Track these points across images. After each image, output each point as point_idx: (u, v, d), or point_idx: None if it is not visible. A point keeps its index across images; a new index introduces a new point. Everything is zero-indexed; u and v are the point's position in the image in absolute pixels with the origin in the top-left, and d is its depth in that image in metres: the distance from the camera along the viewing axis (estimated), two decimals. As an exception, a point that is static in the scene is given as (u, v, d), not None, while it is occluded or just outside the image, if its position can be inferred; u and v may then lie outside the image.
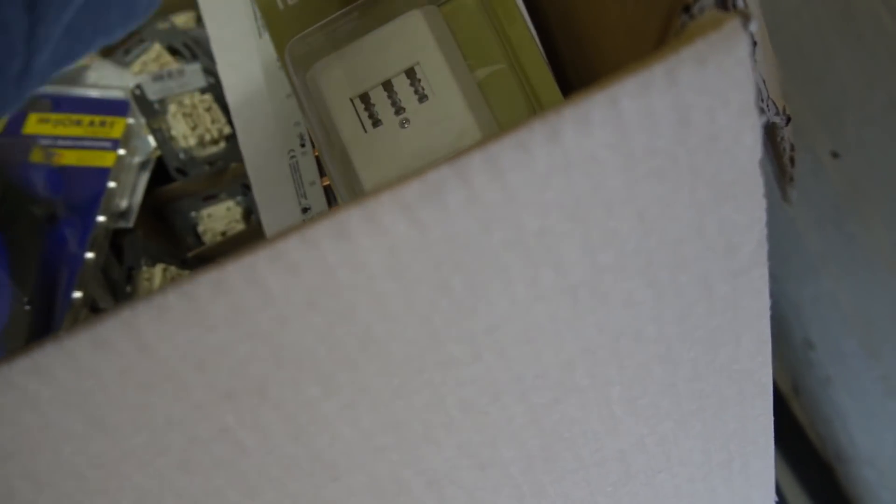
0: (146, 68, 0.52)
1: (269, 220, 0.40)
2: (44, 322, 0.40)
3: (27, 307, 0.39)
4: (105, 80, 0.52)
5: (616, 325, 0.20)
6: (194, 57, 0.52)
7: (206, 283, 0.16)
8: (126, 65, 0.52)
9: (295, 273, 0.17)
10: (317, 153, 0.38)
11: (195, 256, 0.50)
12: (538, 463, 0.24)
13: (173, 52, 0.53)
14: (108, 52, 0.53)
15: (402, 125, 0.30)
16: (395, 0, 0.31)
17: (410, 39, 0.30)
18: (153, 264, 0.47)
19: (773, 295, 0.22)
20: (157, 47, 0.53)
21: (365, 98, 0.30)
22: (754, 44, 0.22)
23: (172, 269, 0.47)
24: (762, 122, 0.18)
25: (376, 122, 0.30)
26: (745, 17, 0.16)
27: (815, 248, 0.63)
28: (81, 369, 0.17)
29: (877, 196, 0.55)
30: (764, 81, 0.24)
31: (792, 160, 0.30)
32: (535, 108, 0.31)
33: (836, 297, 0.63)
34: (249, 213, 0.54)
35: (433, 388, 0.20)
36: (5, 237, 0.42)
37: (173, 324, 0.17)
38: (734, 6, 0.18)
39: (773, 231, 0.19)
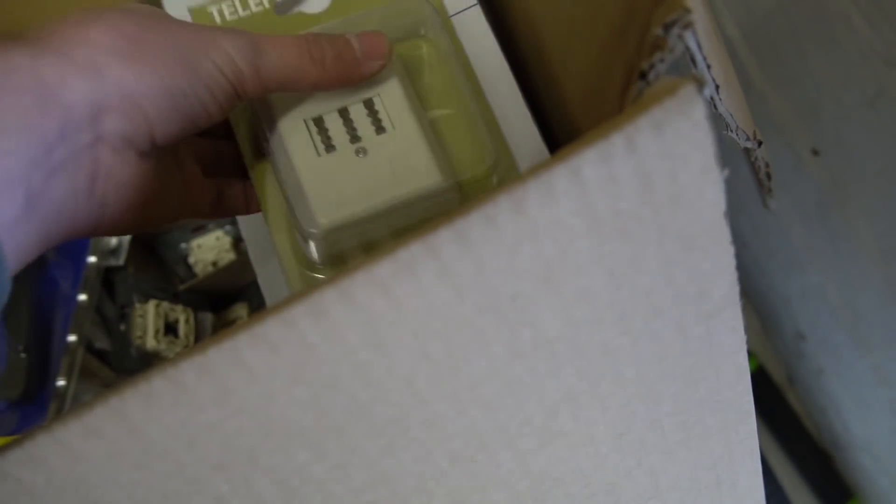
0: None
1: (258, 256, 0.41)
2: (41, 367, 0.41)
3: (22, 355, 0.40)
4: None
5: (595, 372, 0.21)
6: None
7: (190, 367, 0.17)
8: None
9: (276, 352, 0.17)
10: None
11: (188, 289, 0.50)
12: (528, 501, 0.24)
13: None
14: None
15: (357, 154, 0.29)
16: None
17: None
18: (146, 301, 0.47)
19: (762, 288, 0.22)
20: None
21: (319, 122, 0.29)
22: (717, 86, 0.22)
23: (165, 304, 0.48)
24: (724, 176, 0.18)
25: (329, 147, 0.29)
26: (700, 82, 0.17)
27: (801, 243, 0.63)
28: (73, 456, 0.17)
29: (858, 191, 0.55)
30: (731, 115, 0.25)
31: (768, 175, 0.31)
32: (483, 148, 0.30)
33: (824, 290, 0.64)
34: (239, 241, 0.55)
35: (420, 444, 0.21)
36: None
37: (161, 407, 0.17)
38: (694, 65, 0.19)
39: (759, 226, 0.20)
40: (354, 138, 0.29)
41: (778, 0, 0.54)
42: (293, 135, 0.29)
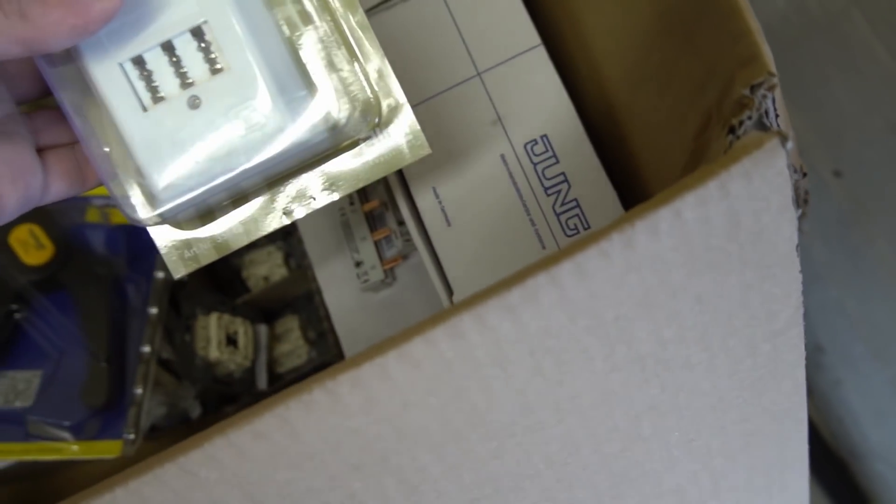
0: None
1: (324, 274, 0.43)
2: (119, 377, 0.43)
3: (103, 364, 0.42)
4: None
5: (676, 384, 0.24)
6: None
7: (346, 380, 0.20)
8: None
9: (418, 367, 0.20)
10: (365, 209, 0.42)
11: (244, 303, 0.53)
12: (607, 499, 0.27)
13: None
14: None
15: (191, 105, 0.23)
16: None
17: None
18: (208, 313, 0.50)
19: None
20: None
21: (139, 62, 0.23)
22: (777, 115, 0.25)
23: (226, 316, 0.51)
24: (798, 215, 0.21)
25: (157, 98, 0.23)
26: (783, 137, 0.19)
27: (821, 258, 0.66)
28: (242, 456, 0.20)
29: (877, 211, 0.58)
30: (777, 115, 0.27)
31: (806, 201, 0.34)
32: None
33: (843, 304, 0.66)
34: (289, 256, 0.57)
35: (523, 448, 0.23)
36: (75, 299, 0.45)
37: (318, 414, 0.20)
38: (771, 126, 0.22)
39: None
40: (186, 84, 0.23)
41: (802, 28, 0.57)
42: (110, 86, 0.23)
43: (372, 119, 0.26)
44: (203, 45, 0.23)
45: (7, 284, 0.44)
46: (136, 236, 0.50)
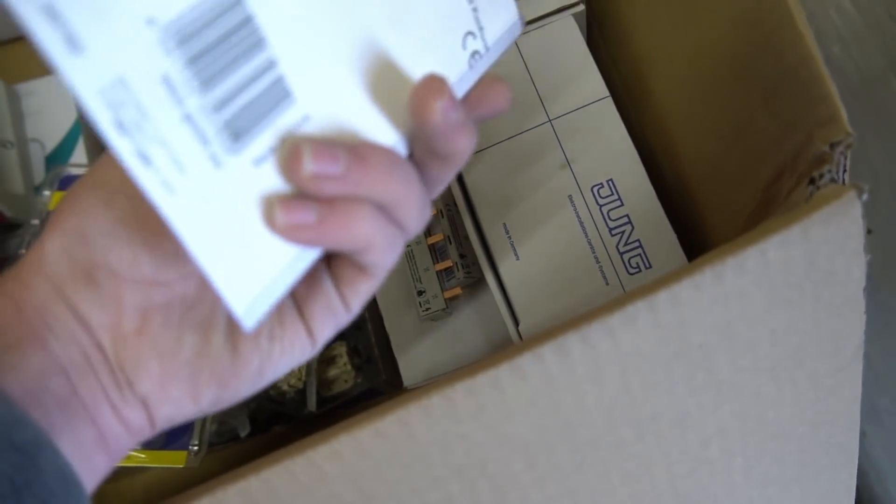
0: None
1: (385, 302, 0.46)
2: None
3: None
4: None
5: (745, 411, 0.26)
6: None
7: (461, 387, 0.22)
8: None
9: (525, 379, 0.22)
10: (430, 241, 0.44)
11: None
12: (669, 520, 0.29)
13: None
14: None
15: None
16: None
17: None
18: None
19: None
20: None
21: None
22: (845, 170, 0.28)
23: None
24: (867, 259, 0.23)
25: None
26: (860, 190, 0.22)
27: (849, 313, 0.68)
28: (362, 452, 0.22)
29: (908, 268, 0.60)
30: (845, 169, 0.30)
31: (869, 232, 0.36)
32: None
33: (870, 358, 0.68)
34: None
35: (604, 463, 0.25)
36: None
37: (434, 418, 0.22)
38: (843, 179, 0.24)
39: None
40: None
41: (840, 90, 0.60)
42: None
43: None
44: None
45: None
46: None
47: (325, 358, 0.59)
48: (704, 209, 0.34)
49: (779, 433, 0.27)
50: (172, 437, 0.44)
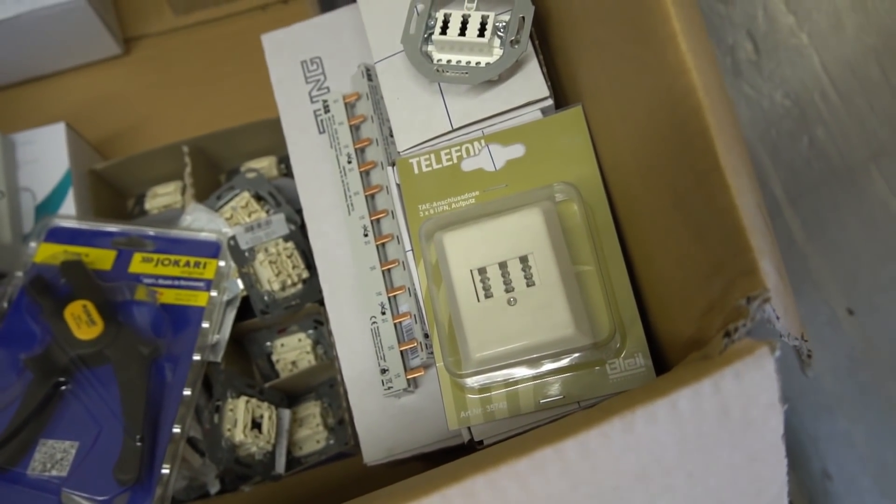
0: (235, 214, 0.59)
1: (351, 375, 0.46)
2: (150, 455, 0.46)
3: (139, 443, 0.45)
4: (199, 222, 0.59)
5: (666, 546, 0.26)
6: (278, 204, 0.59)
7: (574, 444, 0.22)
8: (217, 209, 0.59)
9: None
10: (395, 320, 0.44)
11: (271, 387, 0.56)
12: None
13: (259, 198, 0.60)
14: (201, 198, 0.60)
15: (509, 303, 0.36)
16: (515, 195, 0.39)
17: (529, 230, 0.36)
18: (237, 396, 0.53)
19: (791, 424, 0.27)
20: (245, 195, 0.60)
21: (483, 271, 0.36)
22: (777, 315, 0.28)
23: (254, 400, 0.53)
24: (784, 408, 0.23)
25: (488, 295, 0.36)
26: (773, 346, 0.22)
27: (832, 391, 0.68)
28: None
29: (889, 353, 0.60)
30: (787, 331, 0.30)
31: (809, 356, 0.36)
32: (612, 312, 0.36)
33: (852, 437, 0.67)
34: (317, 343, 0.60)
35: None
36: (118, 375, 0.48)
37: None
38: (775, 326, 0.24)
39: (791, 367, 0.25)
40: (509, 289, 0.36)
41: (822, 175, 0.60)
42: (460, 283, 0.37)
43: (614, 347, 0.36)
44: (525, 267, 0.36)
45: (59, 356, 0.47)
46: (179, 319, 0.53)
47: (298, 417, 0.59)
48: (661, 332, 0.34)
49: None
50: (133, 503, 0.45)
